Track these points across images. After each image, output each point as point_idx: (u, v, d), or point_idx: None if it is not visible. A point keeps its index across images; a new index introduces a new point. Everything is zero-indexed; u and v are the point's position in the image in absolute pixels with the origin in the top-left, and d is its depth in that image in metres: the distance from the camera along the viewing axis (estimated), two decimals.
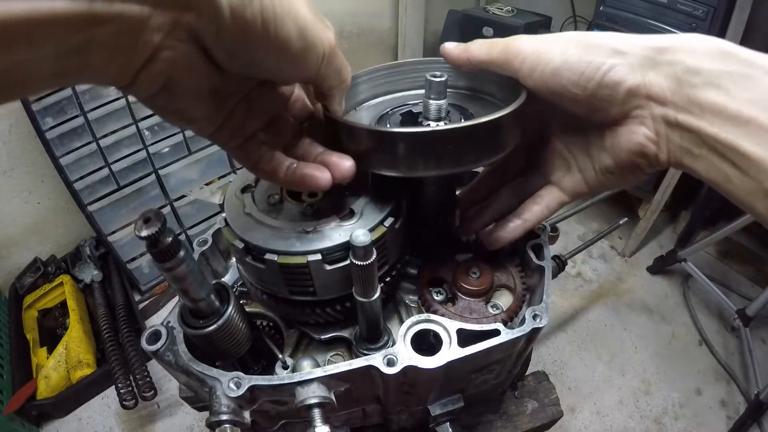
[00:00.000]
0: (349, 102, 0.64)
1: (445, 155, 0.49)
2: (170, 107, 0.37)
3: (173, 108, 0.37)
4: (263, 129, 0.48)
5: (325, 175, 0.47)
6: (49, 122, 1.76)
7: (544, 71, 0.46)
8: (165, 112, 0.38)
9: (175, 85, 0.34)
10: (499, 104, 0.62)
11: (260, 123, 0.47)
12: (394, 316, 0.69)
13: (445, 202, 0.71)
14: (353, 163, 0.48)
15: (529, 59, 0.47)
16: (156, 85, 0.33)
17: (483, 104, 0.63)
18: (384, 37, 2.77)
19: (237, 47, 0.33)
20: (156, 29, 0.29)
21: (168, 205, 2.10)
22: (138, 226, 0.37)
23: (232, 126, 0.44)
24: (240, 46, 0.33)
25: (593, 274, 2.35)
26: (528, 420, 0.86)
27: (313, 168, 0.47)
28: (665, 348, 2.04)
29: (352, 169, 0.48)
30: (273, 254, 0.52)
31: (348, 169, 0.48)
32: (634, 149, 0.46)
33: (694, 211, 2.26)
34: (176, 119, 0.40)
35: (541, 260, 0.66)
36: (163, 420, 1.79)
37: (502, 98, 0.62)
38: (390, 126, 0.59)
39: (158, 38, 0.29)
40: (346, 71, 0.46)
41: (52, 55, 0.24)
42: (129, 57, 0.29)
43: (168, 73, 0.33)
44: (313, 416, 0.51)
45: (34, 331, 1.94)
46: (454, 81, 0.65)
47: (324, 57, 0.40)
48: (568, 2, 2.64)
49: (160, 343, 0.56)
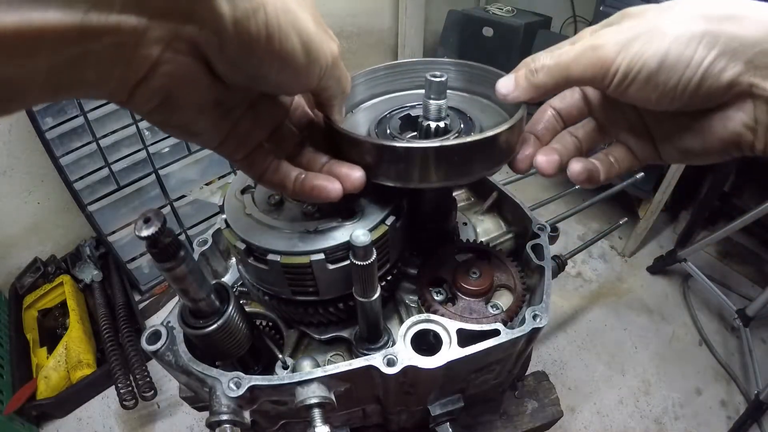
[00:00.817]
0: (347, 103, 0.64)
1: (449, 169, 0.49)
2: (171, 122, 0.36)
3: (175, 122, 0.36)
4: (267, 139, 0.47)
5: (336, 186, 0.47)
6: (49, 122, 1.76)
7: (638, 79, 0.40)
8: (167, 126, 0.37)
9: (175, 100, 0.33)
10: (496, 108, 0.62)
11: (265, 133, 0.47)
12: (394, 316, 0.69)
13: (444, 206, 0.71)
14: (363, 173, 0.48)
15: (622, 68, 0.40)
16: (155, 100, 0.32)
17: (481, 107, 0.63)
18: (384, 37, 2.77)
19: (240, 60, 0.32)
20: (154, 42, 0.27)
21: (168, 205, 2.09)
22: (138, 226, 0.37)
23: (236, 138, 0.43)
24: (243, 59, 0.32)
25: (593, 274, 2.35)
26: (528, 420, 0.86)
27: (323, 179, 0.47)
28: (665, 348, 2.04)
29: (362, 179, 0.48)
30: (275, 255, 0.52)
31: (358, 179, 0.48)
32: (728, 137, 0.42)
33: (694, 211, 2.26)
34: (179, 133, 0.38)
35: (541, 260, 0.66)
36: (163, 420, 1.79)
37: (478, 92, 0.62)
38: (390, 131, 0.58)
39: (157, 51, 0.28)
40: (346, 81, 0.46)
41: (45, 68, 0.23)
42: (125, 71, 0.28)
43: (167, 87, 0.32)
44: (313, 416, 0.51)
45: (34, 331, 1.94)
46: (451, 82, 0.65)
47: (327, 68, 0.39)
48: (568, 2, 2.65)
49: (160, 343, 0.56)
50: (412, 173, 0.50)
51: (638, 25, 0.40)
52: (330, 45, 0.39)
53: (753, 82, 0.38)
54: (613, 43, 0.41)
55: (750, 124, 0.40)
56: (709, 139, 0.43)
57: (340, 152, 0.52)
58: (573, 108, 0.54)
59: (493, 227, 0.85)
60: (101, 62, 0.26)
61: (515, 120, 0.49)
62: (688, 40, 0.38)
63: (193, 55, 0.31)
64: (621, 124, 0.51)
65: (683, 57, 0.38)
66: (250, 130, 0.44)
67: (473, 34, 2.52)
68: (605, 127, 0.53)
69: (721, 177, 2.09)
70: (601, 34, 0.43)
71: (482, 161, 0.50)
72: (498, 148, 0.50)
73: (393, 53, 2.81)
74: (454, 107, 0.60)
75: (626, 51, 0.40)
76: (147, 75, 0.29)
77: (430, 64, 0.63)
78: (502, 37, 2.43)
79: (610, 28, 0.43)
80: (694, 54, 0.38)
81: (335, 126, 0.50)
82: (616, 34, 0.41)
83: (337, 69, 0.41)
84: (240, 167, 0.47)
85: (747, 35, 0.37)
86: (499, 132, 0.47)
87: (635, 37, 0.40)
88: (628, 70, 0.40)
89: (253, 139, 0.45)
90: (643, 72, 0.39)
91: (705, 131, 0.43)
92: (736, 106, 0.40)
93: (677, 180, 1.99)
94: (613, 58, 0.40)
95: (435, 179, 0.50)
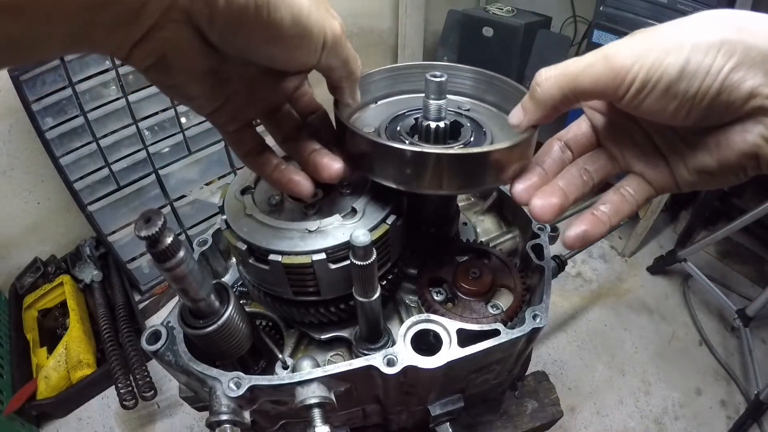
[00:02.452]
0: (368, 96, 0.64)
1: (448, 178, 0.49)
2: (166, 82, 0.39)
3: (169, 83, 0.39)
4: (264, 117, 0.49)
5: (308, 184, 0.50)
6: (49, 122, 1.75)
7: (657, 89, 0.38)
8: (162, 86, 0.40)
9: (169, 62, 0.36)
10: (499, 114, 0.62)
11: (260, 111, 0.48)
12: (394, 316, 0.69)
13: (446, 213, 0.71)
14: (342, 165, 0.50)
15: (640, 77, 0.39)
16: (150, 60, 0.35)
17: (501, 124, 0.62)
18: (384, 37, 2.77)
19: (229, 31, 0.34)
20: (153, 10, 0.30)
21: (168, 205, 2.09)
22: (138, 226, 0.37)
23: (229, 110, 0.44)
24: (232, 30, 0.34)
25: (593, 274, 2.35)
26: (528, 420, 0.87)
27: (300, 176, 0.50)
28: (665, 348, 2.04)
29: (340, 171, 0.50)
30: (277, 255, 0.52)
31: (336, 170, 0.50)
32: (747, 150, 0.40)
33: (694, 211, 2.27)
34: (173, 94, 0.41)
35: (541, 260, 0.66)
36: (163, 420, 1.79)
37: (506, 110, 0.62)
38: (399, 129, 0.58)
39: (153, 18, 0.31)
40: (354, 63, 0.46)
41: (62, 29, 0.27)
42: (126, 33, 0.31)
43: (161, 50, 0.34)
44: (313, 416, 0.51)
45: (34, 331, 1.94)
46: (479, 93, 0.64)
47: (325, 46, 0.40)
48: (568, 2, 2.64)
49: (160, 343, 0.56)
50: (402, 175, 0.50)
51: (652, 36, 0.39)
52: (329, 22, 0.40)
53: None
54: (628, 52, 0.39)
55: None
56: (726, 154, 0.41)
57: (342, 142, 0.53)
58: (581, 137, 0.51)
59: (493, 227, 0.85)
60: (107, 26, 0.30)
61: (512, 142, 0.47)
62: (707, 48, 0.37)
63: (187, 23, 0.33)
64: (632, 150, 0.48)
65: (703, 65, 0.37)
66: (243, 105, 0.45)
67: (473, 34, 2.52)
68: (615, 155, 0.50)
69: None
70: (611, 45, 0.41)
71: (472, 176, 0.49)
72: (491, 167, 0.48)
73: (393, 53, 2.81)
74: (474, 119, 0.60)
75: (643, 59, 0.38)
76: (144, 37, 0.32)
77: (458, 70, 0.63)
78: (502, 37, 2.43)
79: (619, 40, 0.41)
80: (713, 62, 0.37)
81: (336, 112, 0.52)
82: (629, 44, 0.40)
83: (341, 48, 0.42)
84: (228, 140, 0.49)
85: (763, 45, 0.36)
86: (490, 150, 0.46)
87: (651, 47, 0.39)
88: (646, 79, 0.38)
89: (245, 114, 0.47)
90: (663, 81, 0.38)
91: (721, 146, 0.41)
92: (755, 119, 0.39)
93: None
94: (629, 67, 0.39)
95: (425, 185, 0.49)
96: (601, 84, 0.40)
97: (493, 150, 0.47)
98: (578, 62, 0.41)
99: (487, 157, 0.47)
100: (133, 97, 1.85)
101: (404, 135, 0.57)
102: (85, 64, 1.74)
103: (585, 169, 0.50)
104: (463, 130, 0.58)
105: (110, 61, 1.77)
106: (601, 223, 0.47)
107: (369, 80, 0.62)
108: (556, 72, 0.43)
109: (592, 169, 0.50)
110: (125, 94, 1.83)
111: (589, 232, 0.47)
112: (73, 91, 1.75)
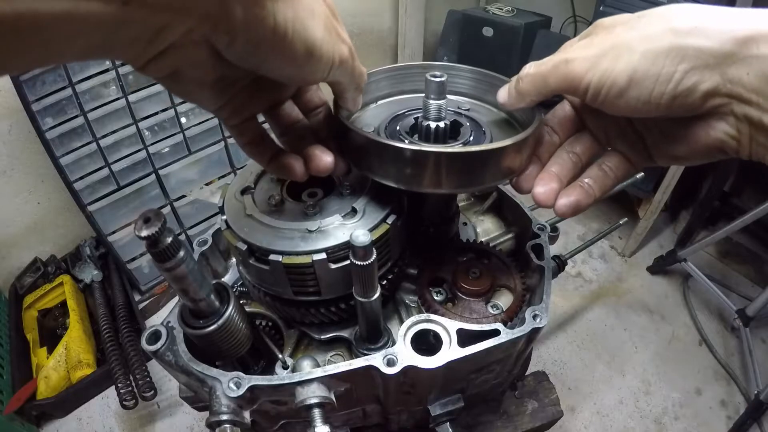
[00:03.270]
0: (368, 96, 0.64)
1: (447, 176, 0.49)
2: (176, 89, 0.41)
3: (178, 90, 0.41)
4: (265, 112, 0.51)
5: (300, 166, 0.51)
6: (49, 122, 1.75)
7: (609, 94, 0.41)
8: (172, 90, 0.41)
9: (182, 75, 0.37)
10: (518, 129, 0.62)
11: (261, 107, 0.50)
12: (394, 316, 0.69)
13: (446, 213, 0.71)
14: (333, 159, 0.51)
15: (593, 84, 0.42)
16: (165, 72, 0.36)
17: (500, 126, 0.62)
18: (384, 37, 2.77)
19: (246, 54, 0.36)
20: (172, 32, 0.31)
21: (168, 205, 2.09)
22: (138, 226, 0.37)
23: (233, 106, 0.46)
24: (249, 53, 0.35)
25: (593, 274, 2.35)
26: (528, 420, 0.86)
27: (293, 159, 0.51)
28: (665, 348, 2.04)
29: (330, 164, 0.51)
30: (277, 255, 0.52)
31: (326, 163, 0.51)
32: (712, 144, 0.42)
33: (694, 211, 2.26)
34: (182, 97, 0.43)
35: (541, 260, 0.66)
36: (163, 420, 1.79)
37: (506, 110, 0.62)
38: (399, 128, 0.58)
39: (173, 39, 0.32)
40: (361, 78, 0.48)
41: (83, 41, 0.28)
42: (144, 49, 0.32)
43: (177, 65, 0.35)
44: (313, 416, 0.51)
45: (34, 331, 1.94)
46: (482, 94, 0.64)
47: (332, 68, 0.42)
48: (568, 2, 2.64)
49: (160, 343, 0.56)
50: (402, 174, 0.50)
51: (606, 41, 0.42)
52: (339, 48, 0.41)
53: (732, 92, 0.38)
54: (582, 59, 0.42)
55: (732, 133, 0.41)
56: (694, 146, 0.44)
57: (340, 140, 0.54)
58: (566, 121, 0.54)
59: (493, 227, 0.85)
60: (125, 42, 0.30)
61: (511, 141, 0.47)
62: (654, 56, 0.39)
63: (206, 44, 0.34)
64: (613, 132, 0.51)
65: (650, 72, 0.39)
66: (247, 102, 0.47)
67: (473, 34, 2.52)
68: (599, 136, 0.53)
69: (721, 177, 2.09)
70: (574, 47, 0.44)
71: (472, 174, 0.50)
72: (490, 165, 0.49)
73: (393, 53, 2.81)
74: (474, 119, 0.60)
75: (595, 68, 0.41)
76: (161, 53, 0.33)
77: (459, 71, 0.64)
78: (502, 37, 2.43)
79: (582, 41, 0.44)
80: (661, 69, 0.38)
81: (334, 111, 0.53)
82: (586, 50, 0.43)
83: (347, 66, 0.44)
84: (231, 131, 0.51)
85: (714, 47, 0.37)
86: (490, 148, 0.47)
87: (603, 54, 0.41)
88: (599, 86, 0.41)
89: (248, 110, 0.48)
90: (613, 88, 0.41)
91: (689, 137, 0.44)
92: (719, 116, 0.41)
93: (677, 180, 1.99)
94: (582, 74, 0.42)
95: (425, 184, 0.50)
96: (564, 86, 0.44)
97: (492, 148, 0.47)
98: (548, 63, 0.45)
99: (486, 156, 0.47)
100: (133, 97, 1.85)
101: (404, 135, 0.57)
102: (85, 64, 1.74)
103: (573, 152, 0.53)
104: (463, 130, 0.58)
105: (110, 61, 1.77)
106: (588, 195, 0.50)
107: (369, 80, 0.62)
108: (533, 71, 0.47)
109: (580, 151, 0.53)
110: (125, 94, 1.84)
111: (581, 202, 0.50)
112: (73, 91, 1.75)
